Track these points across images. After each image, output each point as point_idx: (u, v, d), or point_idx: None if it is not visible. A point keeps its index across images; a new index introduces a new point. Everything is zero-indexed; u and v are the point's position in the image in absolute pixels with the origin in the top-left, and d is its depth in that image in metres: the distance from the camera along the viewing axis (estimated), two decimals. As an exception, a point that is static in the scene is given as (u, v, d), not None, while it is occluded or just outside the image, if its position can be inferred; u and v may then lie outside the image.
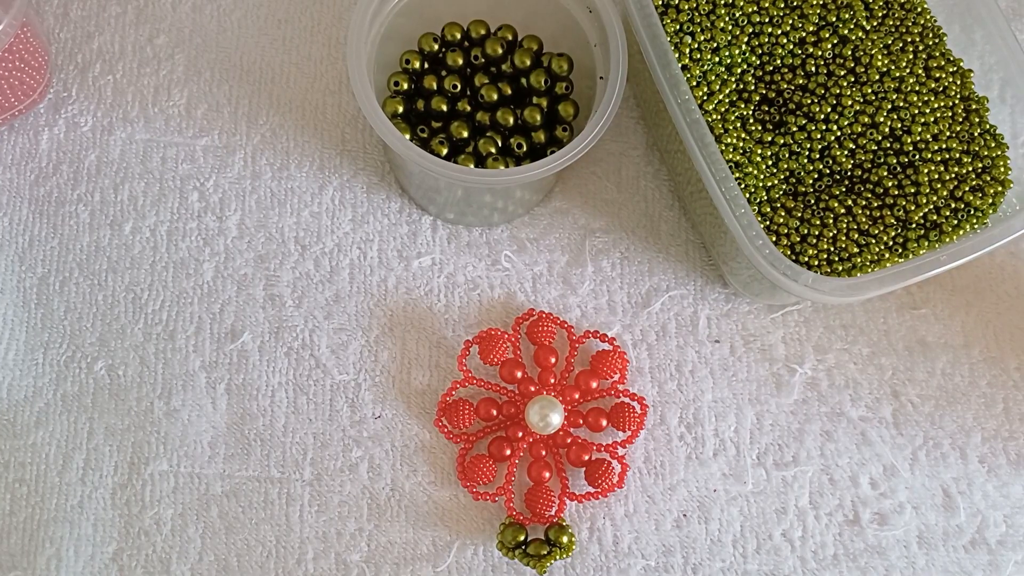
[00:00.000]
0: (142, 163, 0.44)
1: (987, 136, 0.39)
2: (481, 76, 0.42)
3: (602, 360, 0.41)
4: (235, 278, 0.43)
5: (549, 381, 0.41)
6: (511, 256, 0.43)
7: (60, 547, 0.39)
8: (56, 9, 0.46)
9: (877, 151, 0.39)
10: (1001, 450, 0.42)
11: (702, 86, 0.39)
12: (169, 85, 0.45)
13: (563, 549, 0.39)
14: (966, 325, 0.43)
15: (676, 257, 0.44)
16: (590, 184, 0.45)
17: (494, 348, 0.41)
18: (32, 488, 0.40)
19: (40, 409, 0.41)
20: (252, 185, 0.44)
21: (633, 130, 0.45)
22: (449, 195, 0.41)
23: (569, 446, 0.40)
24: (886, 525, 0.41)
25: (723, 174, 0.36)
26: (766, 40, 0.40)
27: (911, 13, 0.41)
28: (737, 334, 0.43)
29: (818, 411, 0.42)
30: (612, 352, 0.41)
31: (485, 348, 0.41)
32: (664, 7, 0.40)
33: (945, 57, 0.40)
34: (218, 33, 0.46)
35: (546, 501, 0.39)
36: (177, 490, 0.40)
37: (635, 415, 0.40)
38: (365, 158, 0.45)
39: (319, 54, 0.46)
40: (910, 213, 0.38)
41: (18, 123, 0.44)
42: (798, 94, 0.40)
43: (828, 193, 0.39)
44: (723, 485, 0.41)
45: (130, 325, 0.42)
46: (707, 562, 0.40)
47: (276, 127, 0.45)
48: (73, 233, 0.43)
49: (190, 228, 0.43)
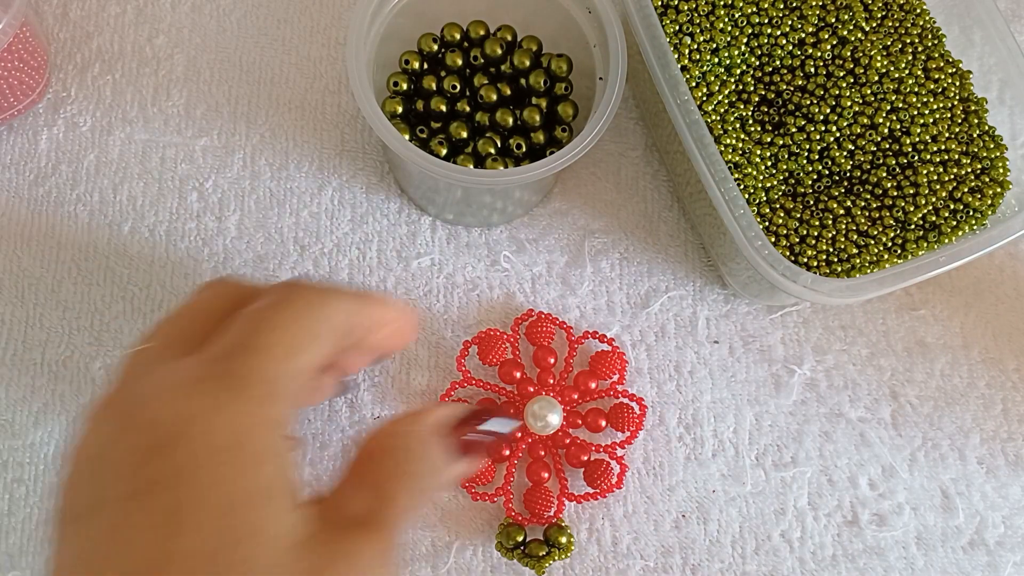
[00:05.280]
0: (141, 163, 0.44)
1: (986, 137, 0.39)
2: (480, 76, 0.42)
3: (601, 361, 0.41)
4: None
5: (548, 381, 0.41)
6: (510, 257, 0.43)
7: (58, 547, 0.39)
8: (55, 9, 0.46)
9: (876, 152, 0.39)
10: (1000, 451, 0.42)
11: (701, 87, 0.39)
12: (168, 85, 0.45)
13: (562, 550, 0.39)
14: (965, 326, 0.43)
15: (675, 258, 0.44)
16: (589, 185, 0.45)
17: (493, 349, 0.41)
18: (30, 488, 0.40)
19: (38, 409, 0.41)
20: (251, 185, 0.44)
21: (632, 131, 0.45)
22: (448, 195, 0.41)
23: (568, 447, 0.40)
24: (885, 526, 0.41)
25: (722, 175, 0.36)
26: (765, 41, 0.40)
27: (910, 14, 0.41)
28: (736, 335, 0.43)
29: (817, 412, 0.42)
30: (611, 353, 0.41)
31: (484, 349, 0.41)
32: (663, 8, 0.40)
33: (944, 58, 0.40)
34: (217, 33, 0.46)
35: (545, 502, 0.39)
36: (175, 490, 0.40)
37: (634, 416, 0.40)
38: (364, 158, 0.45)
39: (318, 54, 0.46)
40: (909, 214, 0.38)
41: (17, 123, 0.44)
42: (797, 95, 0.40)
43: (827, 194, 0.39)
44: (722, 486, 0.41)
45: (128, 325, 0.42)
46: (706, 563, 0.40)
47: (275, 127, 0.45)
48: (72, 233, 0.43)
49: (189, 228, 0.43)
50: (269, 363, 0.24)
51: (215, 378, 0.23)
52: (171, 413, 0.23)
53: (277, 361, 0.24)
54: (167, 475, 0.22)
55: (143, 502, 0.21)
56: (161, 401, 0.23)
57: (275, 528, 0.22)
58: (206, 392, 0.23)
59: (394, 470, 0.26)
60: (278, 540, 0.22)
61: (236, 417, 0.23)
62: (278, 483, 0.23)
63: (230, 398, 0.23)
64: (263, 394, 0.23)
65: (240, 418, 0.23)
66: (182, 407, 0.23)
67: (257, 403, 0.23)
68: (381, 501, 0.25)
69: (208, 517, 0.21)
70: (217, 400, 0.23)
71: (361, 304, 0.28)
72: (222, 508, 0.22)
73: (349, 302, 0.27)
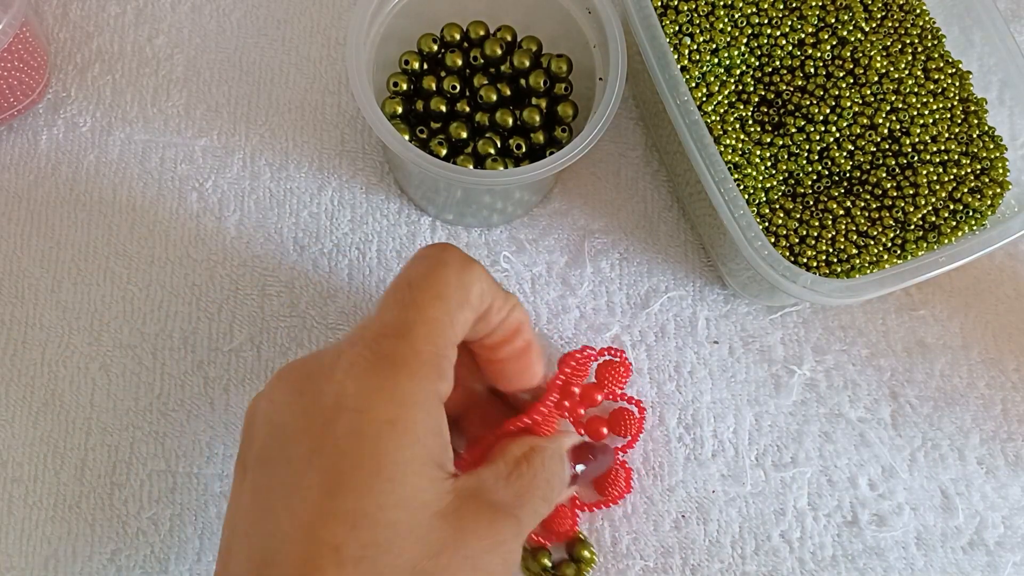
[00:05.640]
0: (141, 163, 0.44)
1: (986, 138, 0.39)
2: (480, 77, 0.42)
3: (608, 371, 0.40)
4: (232, 278, 0.43)
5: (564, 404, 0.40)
6: (510, 257, 0.43)
7: (57, 547, 0.39)
8: (55, 9, 0.46)
9: (876, 152, 0.39)
10: (999, 451, 0.42)
11: (701, 87, 0.39)
12: (168, 86, 0.45)
13: (587, 563, 0.39)
14: (965, 326, 0.43)
15: (675, 258, 0.44)
16: (589, 185, 0.45)
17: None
18: (29, 488, 0.40)
19: (37, 408, 0.41)
20: (251, 186, 0.44)
21: (632, 131, 0.45)
22: (448, 196, 0.41)
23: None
24: (885, 526, 0.41)
25: (722, 175, 0.36)
26: (765, 41, 0.40)
27: (910, 15, 0.41)
28: (736, 335, 0.43)
29: (817, 412, 0.42)
30: (619, 363, 0.40)
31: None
32: (663, 8, 0.40)
33: (944, 59, 0.40)
34: (217, 34, 0.46)
35: (560, 518, 0.39)
36: (175, 490, 0.40)
37: (634, 419, 0.40)
38: (364, 159, 0.45)
39: (318, 55, 0.46)
40: (909, 215, 0.38)
41: (17, 123, 0.44)
42: (797, 95, 0.40)
43: (827, 194, 0.39)
44: (722, 486, 0.41)
45: (127, 325, 0.42)
46: (705, 563, 0.40)
47: (275, 128, 0.45)
48: (71, 233, 0.43)
49: (188, 229, 0.43)
50: (420, 343, 0.27)
51: (378, 358, 0.26)
52: (339, 390, 0.26)
53: (426, 341, 0.27)
54: (335, 444, 0.25)
55: (314, 463, 0.25)
56: (334, 377, 0.26)
57: (423, 496, 0.26)
58: (370, 372, 0.26)
59: (533, 479, 0.30)
60: (425, 508, 0.25)
61: (394, 395, 0.26)
62: (429, 455, 0.26)
63: (388, 377, 0.26)
64: (416, 372, 0.26)
65: (397, 396, 0.26)
66: (350, 386, 0.26)
67: (413, 380, 0.26)
68: (520, 499, 0.29)
69: (365, 483, 0.25)
70: (378, 380, 0.26)
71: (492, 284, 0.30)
72: (378, 476, 0.25)
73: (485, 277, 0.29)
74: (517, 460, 0.30)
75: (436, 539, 0.25)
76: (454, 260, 0.29)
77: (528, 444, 0.31)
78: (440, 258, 0.29)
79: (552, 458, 0.31)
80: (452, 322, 0.28)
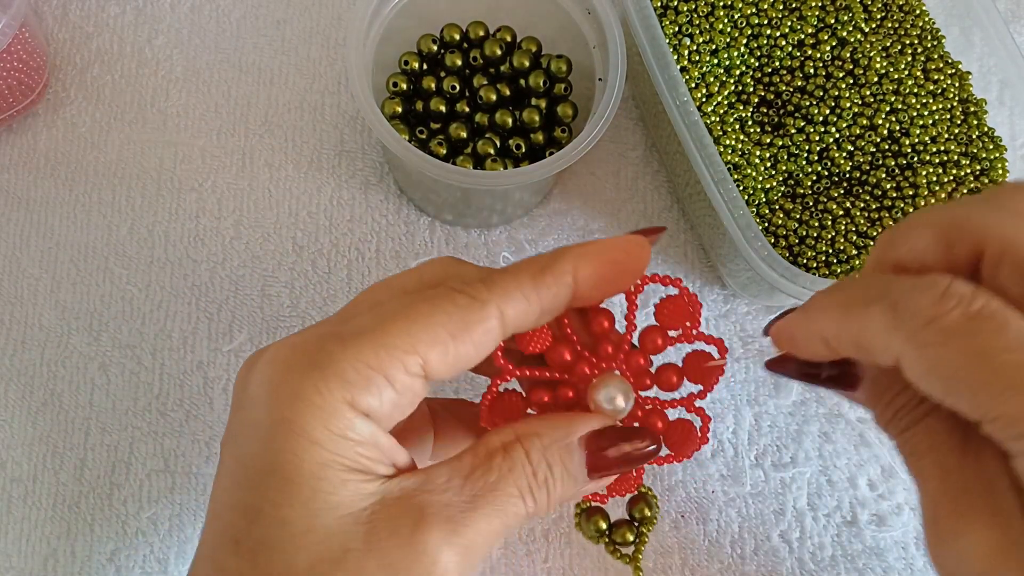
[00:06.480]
0: (140, 163, 0.44)
1: (985, 138, 0.39)
2: (480, 77, 0.42)
3: (669, 309, 0.32)
4: (232, 279, 0.43)
5: (607, 351, 0.31)
6: (509, 257, 0.43)
7: (56, 547, 0.39)
8: (55, 10, 0.46)
9: (876, 153, 0.39)
10: (999, 452, 0.42)
11: (701, 88, 0.39)
12: (167, 86, 0.45)
13: (648, 521, 0.31)
14: (964, 327, 0.43)
15: (675, 258, 0.44)
16: (589, 185, 0.45)
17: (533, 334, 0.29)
18: (28, 488, 0.40)
19: (36, 408, 0.41)
20: (250, 186, 0.44)
21: (632, 131, 0.45)
22: (447, 196, 0.41)
23: (641, 419, 0.32)
24: (884, 526, 0.41)
25: (722, 176, 0.36)
26: (765, 42, 0.40)
27: (910, 15, 0.41)
28: (736, 335, 0.43)
29: (816, 412, 0.42)
30: (679, 297, 0.32)
31: (521, 335, 0.30)
32: (663, 9, 0.40)
33: (944, 59, 0.40)
34: (216, 34, 0.46)
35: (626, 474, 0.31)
36: (175, 490, 0.40)
37: (712, 362, 0.31)
38: (363, 159, 0.45)
39: (317, 55, 0.46)
40: (909, 215, 0.38)
41: (16, 123, 0.44)
42: (797, 96, 0.40)
43: (826, 195, 0.39)
44: (721, 486, 0.41)
45: (126, 325, 0.42)
46: (705, 563, 0.40)
47: (274, 128, 0.45)
48: (70, 233, 0.43)
49: (187, 229, 0.43)
50: (349, 353, 0.24)
51: (298, 355, 0.25)
52: (258, 378, 0.25)
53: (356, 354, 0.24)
54: (242, 432, 0.25)
55: (229, 449, 0.26)
56: (257, 365, 0.25)
57: (329, 498, 0.24)
58: (284, 367, 0.25)
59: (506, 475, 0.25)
60: (332, 509, 0.24)
61: (294, 396, 0.24)
62: (334, 458, 0.24)
63: (296, 376, 0.24)
64: (330, 378, 0.24)
65: (295, 397, 0.24)
66: (262, 376, 0.25)
67: (319, 384, 0.24)
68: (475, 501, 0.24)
69: (261, 479, 0.24)
70: (286, 376, 0.25)
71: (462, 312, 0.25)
72: (273, 474, 0.24)
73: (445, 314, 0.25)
74: (491, 452, 0.25)
75: (339, 543, 0.23)
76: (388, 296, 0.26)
77: (517, 432, 0.26)
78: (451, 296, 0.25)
79: (549, 449, 0.26)
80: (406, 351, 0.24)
